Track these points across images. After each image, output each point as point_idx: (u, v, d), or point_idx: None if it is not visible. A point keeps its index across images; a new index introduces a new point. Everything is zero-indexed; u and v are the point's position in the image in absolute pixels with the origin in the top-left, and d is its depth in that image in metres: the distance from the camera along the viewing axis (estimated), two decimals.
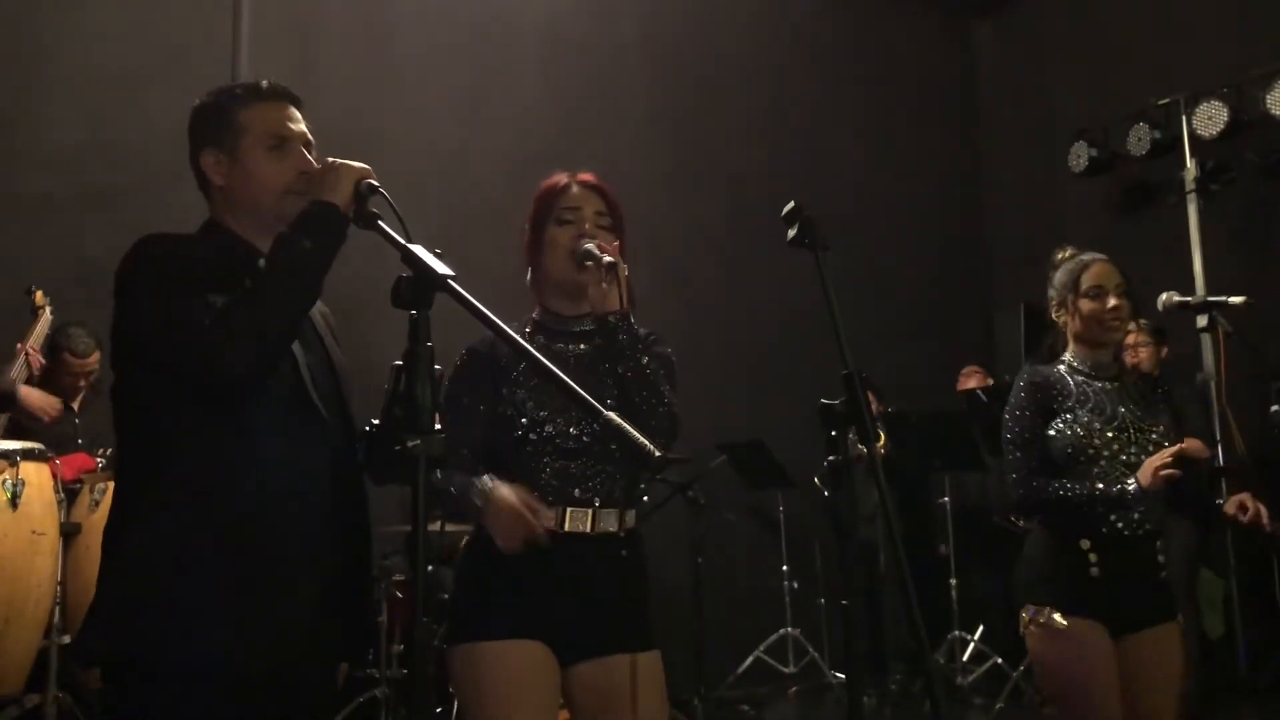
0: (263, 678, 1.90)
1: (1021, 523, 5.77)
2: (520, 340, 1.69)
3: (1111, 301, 2.94)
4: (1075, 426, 2.87)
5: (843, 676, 6.19)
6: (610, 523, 2.28)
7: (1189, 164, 6.83)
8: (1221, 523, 2.92)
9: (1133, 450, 2.87)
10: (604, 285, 2.25)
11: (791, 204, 2.19)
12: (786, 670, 6.64)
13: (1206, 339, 6.04)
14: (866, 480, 5.31)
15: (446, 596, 5.30)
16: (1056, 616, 2.80)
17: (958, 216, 8.27)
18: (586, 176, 2.45)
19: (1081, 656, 2.77)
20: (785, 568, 6.77)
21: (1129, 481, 2.78)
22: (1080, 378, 2.97)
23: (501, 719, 2.18)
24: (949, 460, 6.20)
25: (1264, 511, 2.81)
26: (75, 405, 4.85)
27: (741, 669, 6.47)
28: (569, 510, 2.25)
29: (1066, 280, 3.01)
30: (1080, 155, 7.32)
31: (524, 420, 2.25)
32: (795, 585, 6.76)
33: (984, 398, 5.77)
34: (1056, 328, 3.07)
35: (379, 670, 4.88)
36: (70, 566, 4.03)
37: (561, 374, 1.73)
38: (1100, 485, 2.81)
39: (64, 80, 5.68)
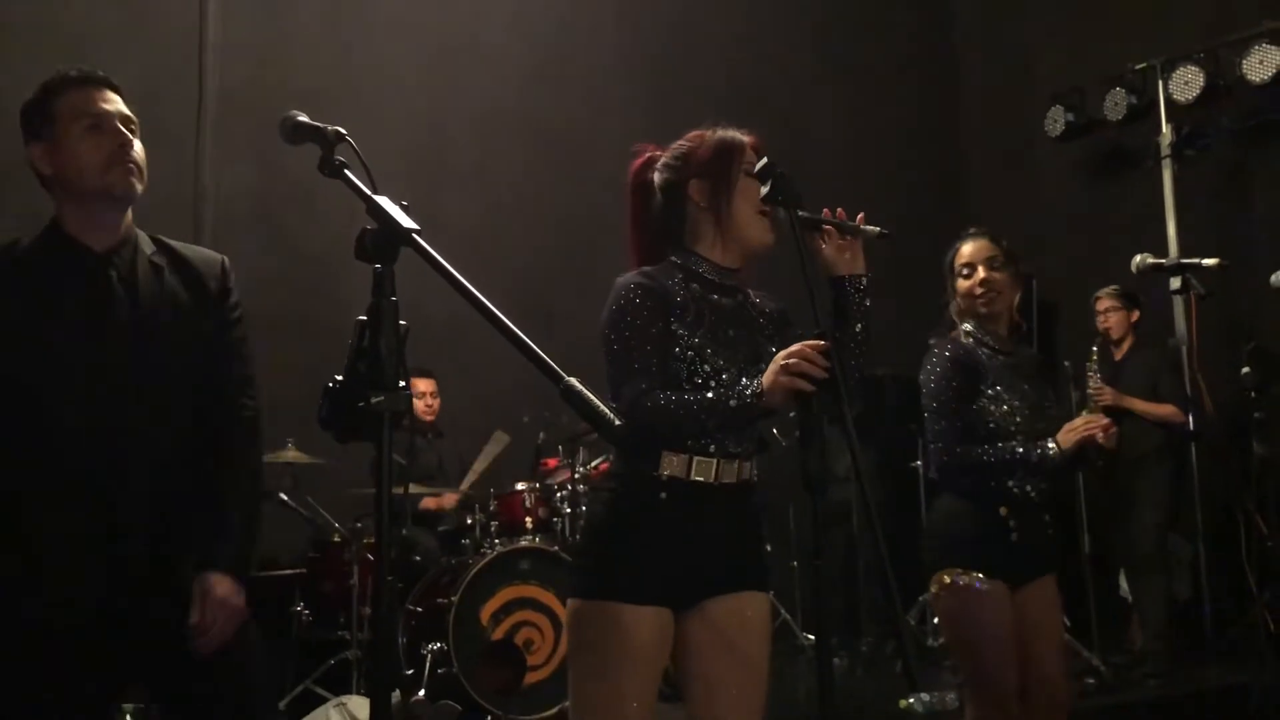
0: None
1: None
2: (480, 297, 1.64)
3: (980, 275, 3.07)
4: (1001, 404, 3.02)
5: (814, 638, 6.21)
6: (750, 472, 2.33)
7: (1164, 129, 6.83)
8: (1093, 454, 3.09)
9: (1040, 427, 3.02)
10: (845, 248, 2.33)
11: (764, 160, 2.15)
12: None
13: (1179, 302, 6.09)
14: (840, 441, 5.30)
15: (418, 559, 5.34)
16: (980, 578, 2.95)
17: (934, 179, 8.24)
18: (758, 144, 2.41)
19: (994, 615, 2.95)
20: None
21: (1049, 445, 2.94)
22: (986, 351, 3.10)
23: (622, 686, 2.20)
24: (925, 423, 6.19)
25: (1104, 431, 2.95)
26: None
27: None
28: (720, 462, 2.26)
29: (947, 261, 3.19)
30: (1057, 120, 7.30)
31: (706, 367, 2.24)
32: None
33: None
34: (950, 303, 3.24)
35: (350, 633, 4.87)
36: None
37: (525, 337, 1.68)
38: (1020, 449, 2.96)
39: (24, 39, 5.54)
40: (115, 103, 2.22)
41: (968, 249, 3.13)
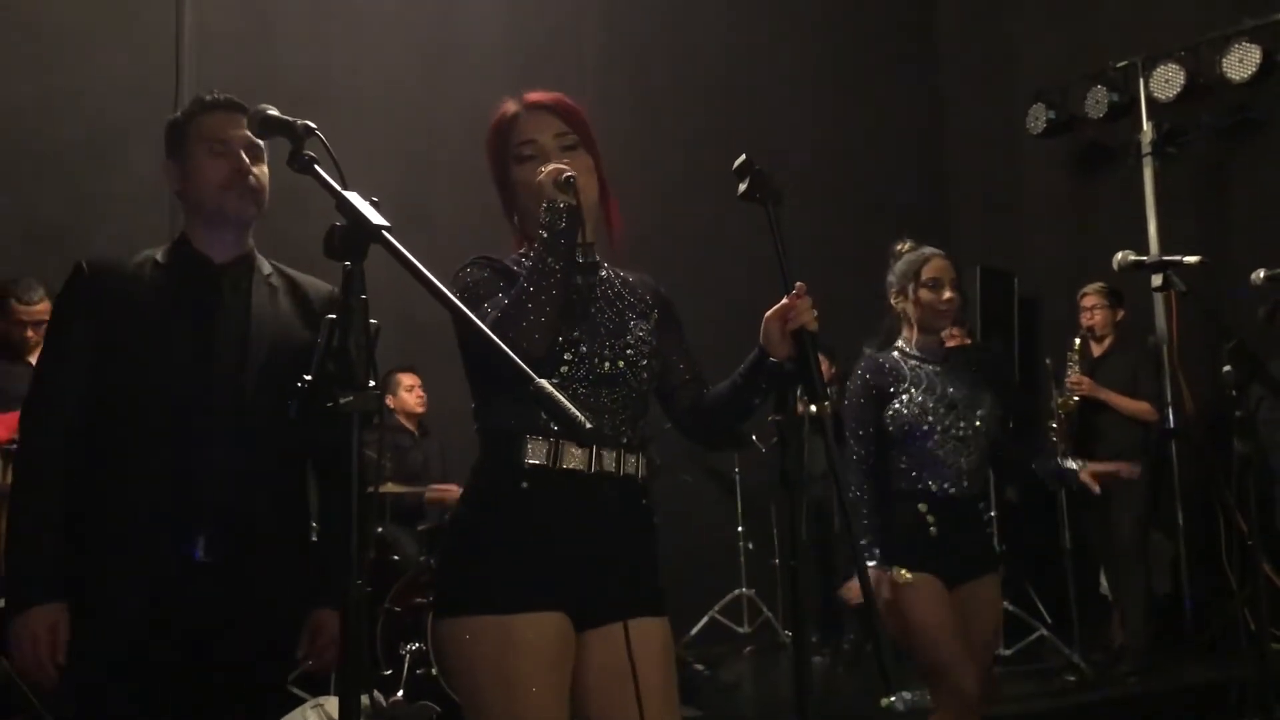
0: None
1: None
2: (453, 299, 1.62)
3: (947, 294, 3.27)
4: (911, 405, 3.17)
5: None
6: (635, 466, 2.09)
7: (1145, 126, 6.86)
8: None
9: (961, 425, 3.19)
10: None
11: (743, 157, 2.12)
12: (741, 630, 6.66)
13: (1159, 300, 6.10)
14: (817, 439, 5.30)
15: (397, 558, 5.29)
16: (904, 573, 3.09)
17: (916, 176, 8.24)
18: (534, 97, 2.17)
19: (926, 607, 3.07)
20: (740, 529, 6.77)
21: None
22: (913, 361, 3.28)
23: (520, 708, 1.92)
24: None
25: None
26: (32, 360, 4.63)
27: (696, 629, 6.47)
28: (597, 449, 2.03)
29: (907, 271, 3.32)
30: (1038, 117, 7.31)
31: (560, 339, 2.02)
32: (750, 546, 6.76)
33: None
34: (893, 313, 3.37)
35: None
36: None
37: (493, 335, 1.65)
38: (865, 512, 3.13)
39: (9, 35, 5.49)
40: (243, 128, 2.28)
41: (935, 265, 3.29)
